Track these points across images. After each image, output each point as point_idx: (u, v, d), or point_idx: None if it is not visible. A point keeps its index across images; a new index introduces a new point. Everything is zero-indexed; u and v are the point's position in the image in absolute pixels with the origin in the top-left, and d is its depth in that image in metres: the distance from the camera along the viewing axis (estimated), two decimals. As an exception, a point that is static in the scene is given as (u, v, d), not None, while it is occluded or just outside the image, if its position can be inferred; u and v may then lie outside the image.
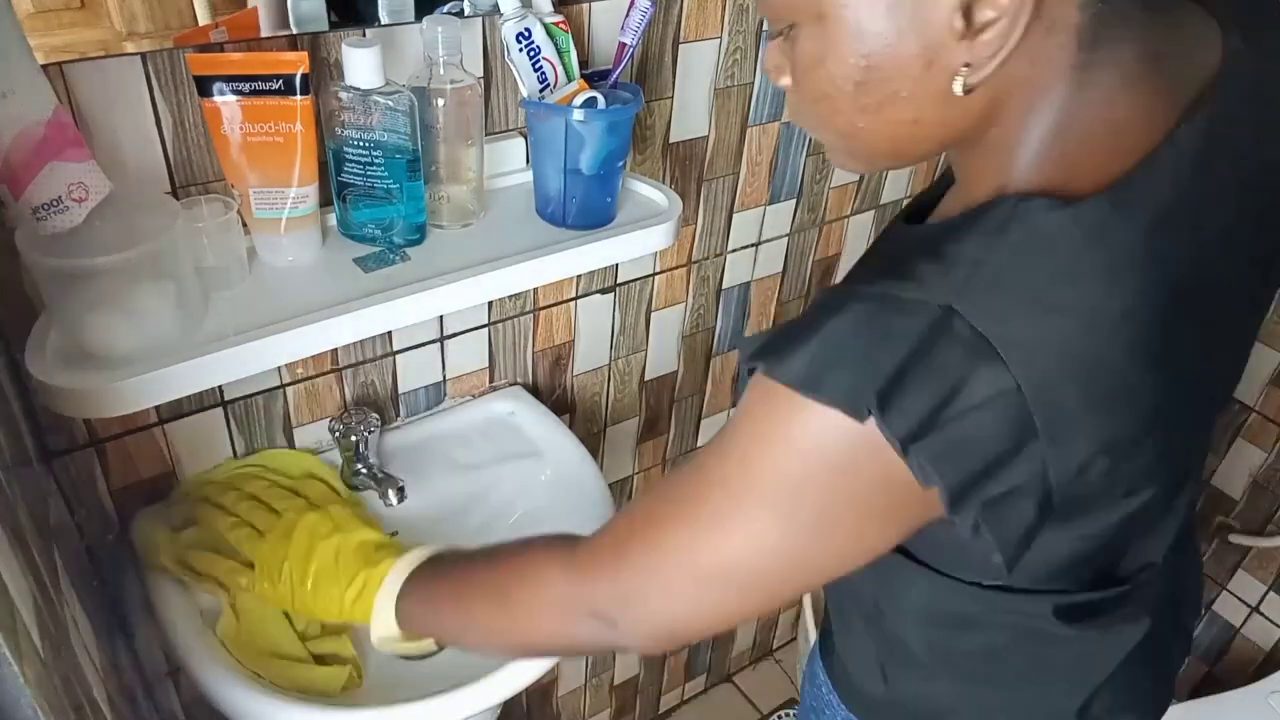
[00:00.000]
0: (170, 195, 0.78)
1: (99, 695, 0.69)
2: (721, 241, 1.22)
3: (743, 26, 1.05)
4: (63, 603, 0.67)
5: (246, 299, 0.78)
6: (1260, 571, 1.68)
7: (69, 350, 0.70)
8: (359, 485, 0.98)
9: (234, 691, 0.78)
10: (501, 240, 0.88)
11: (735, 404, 1.43)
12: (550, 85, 0.87)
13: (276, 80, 0.73)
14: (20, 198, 0.63)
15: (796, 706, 1.89)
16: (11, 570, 0.50)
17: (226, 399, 0.91)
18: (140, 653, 1.00)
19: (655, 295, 1.21)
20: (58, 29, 0.68)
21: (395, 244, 0.85)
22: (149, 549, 0.86)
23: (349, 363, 0.98)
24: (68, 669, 0.59)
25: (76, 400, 0.68)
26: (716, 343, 1.34)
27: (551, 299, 1.10)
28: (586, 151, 0.86)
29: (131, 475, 0.90)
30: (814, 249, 1.34)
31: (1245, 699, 1.33)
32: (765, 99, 1.12)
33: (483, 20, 0.87)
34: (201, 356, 0.71)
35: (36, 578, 0.58)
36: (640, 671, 1.73)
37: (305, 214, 0.80)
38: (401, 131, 0.79)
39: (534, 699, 1.56)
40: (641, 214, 0.95)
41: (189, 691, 1.06)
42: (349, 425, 0.97)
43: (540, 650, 0.76)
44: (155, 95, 0.74)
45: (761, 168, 1.19)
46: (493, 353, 1.09)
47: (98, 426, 0.85)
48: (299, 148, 0.76)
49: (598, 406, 1.26)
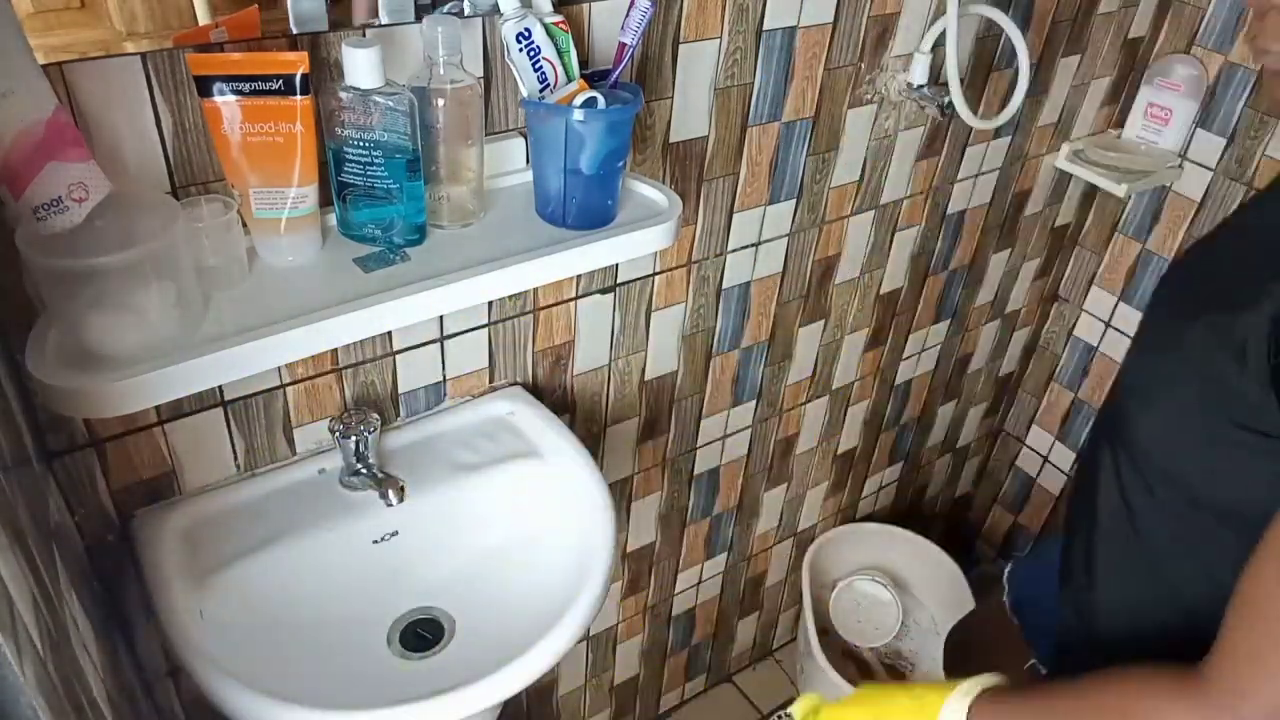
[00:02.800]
0: (170, 195, 0.78)
1: (99, 695, 0.69)
2: (721, 241, 1.22)
3: (743, 26, 1.05)
4: (63, 603, 0.67)
5: (246, 299, 0.78)
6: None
7: (69, 350, 0.70)
8: (359, 485, 0.99)
9: (234, 691, 0.78)
10: (501, 240, 0.88)
11: (736, 402, 1.43)
12: (550, 85, 0.87)
13: (276, 80, 0.73)
14: (20, 198, 0.63)
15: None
16: (11, 570, 0.50)
17: (226, 399, 0.91)
18: (140, 653, 1.01)
19: (655, 295, 1.21)
20: (58, 29, 0.68)
21: (395, 244, 0.85)
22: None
23: (349, 363, 0.98)
24: (68, 669, 0.59)
25: (76, 400, 0.68)
26: (716, 343, 1.34)
27: (551, 299, 1.10)
28: (586, 151, 0.86)
29: (131, 475, 0.90)
30: (814, 249, 1.34)
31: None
32: (765, 99, 1.12)
33: (483, 20, 0.87)
34: (201, 356, 0.71)
35: (36, 578, 0.58)
36: (640, 671, 1.73)
37: (305, 214, 0.80)
38: (401, 131, 0.79)
39: (534, 699, 1.56)
40: (641, 214, 0.95)
41: (189, 691, 1.06)
42: (349, 425, 0.97)
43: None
44: (155, 95, 0.74)
45: (761, 168, 1.19)
46: (493, 353, 1.09)
47: (98, 426, 0.85)
48: (299, 148, 0.76)
49: (598, 406, 1.26)
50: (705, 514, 1.57)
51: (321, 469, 1.01)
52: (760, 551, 1.75)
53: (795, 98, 1.15)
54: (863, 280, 1.45)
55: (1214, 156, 1.53)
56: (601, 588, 0.92)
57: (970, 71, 1.31)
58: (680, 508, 1.52)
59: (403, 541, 1.01)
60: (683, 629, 1.74)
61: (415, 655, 0.97)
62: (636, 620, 1.62)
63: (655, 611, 1.64)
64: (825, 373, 1.54)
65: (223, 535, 0.93)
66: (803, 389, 1.53)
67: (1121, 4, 1.44)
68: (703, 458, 1.47)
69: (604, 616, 1.56)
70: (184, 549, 0.90)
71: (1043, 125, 1.50)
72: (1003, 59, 1.34)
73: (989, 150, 1.45)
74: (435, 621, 1.00)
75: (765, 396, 1.48)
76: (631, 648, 1.67)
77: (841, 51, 1.15)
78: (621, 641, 1.63)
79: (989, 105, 1.38)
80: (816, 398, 1.57)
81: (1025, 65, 1.24)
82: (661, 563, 1.57)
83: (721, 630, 1.83)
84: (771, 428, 1.54)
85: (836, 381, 1.57)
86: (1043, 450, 1.99)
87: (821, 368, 1.52)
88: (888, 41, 1.19)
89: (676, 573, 1.62)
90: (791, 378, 1.49)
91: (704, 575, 1.67)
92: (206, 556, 0.90)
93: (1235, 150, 1.50)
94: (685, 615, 1.71)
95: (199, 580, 0.88)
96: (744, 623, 1.87)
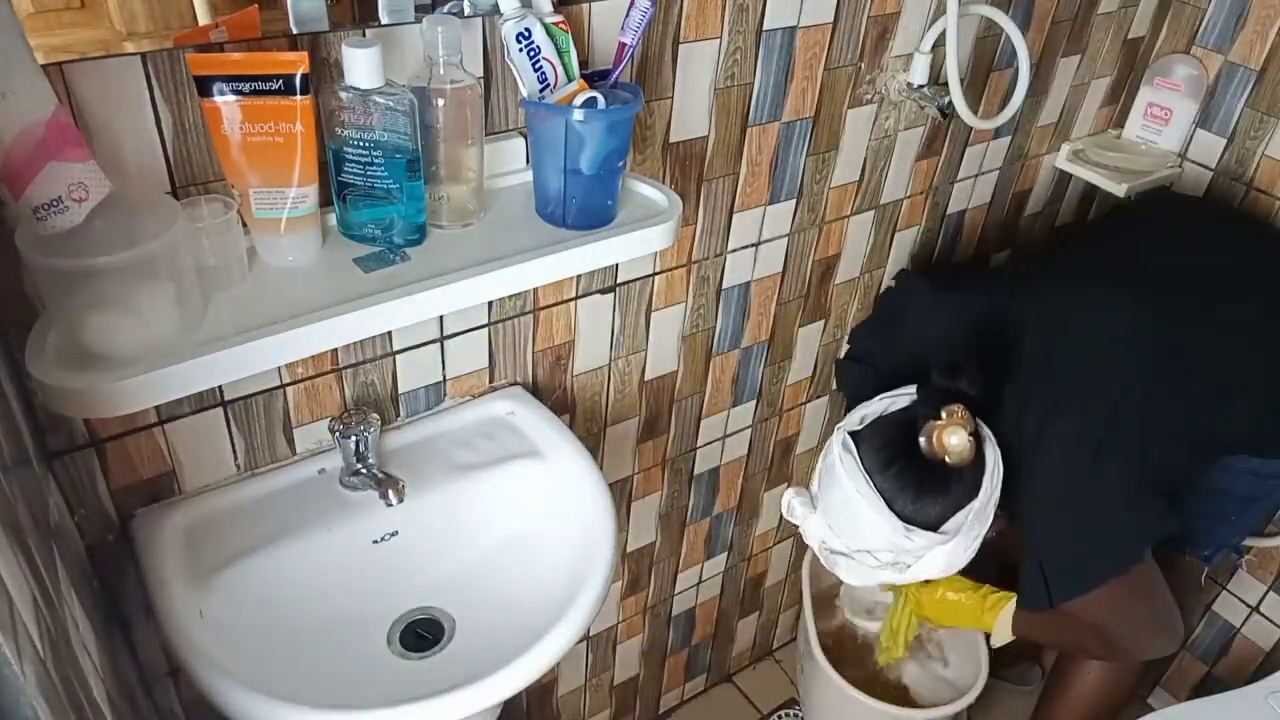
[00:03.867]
0: (170, 195, 0.78)
1: (99, 695, 0.69)
2: (721, 241, 1.22)
3: (743, 26, 1.05)
4: (63, 603, 0.67)
5: (246, 299, 0.78)
6: (1260, 571, 1.69)
7: (69, 350, 0.70)
8: (359, 485, 0.99)
9: (234, 691, 0.78)
10: (501, 240, 0.88)
11: (736, 402, 1.43)
12: (550, 85, 0.87)
13: (276, 80, 0.73)
14: (20, 198, 0.63)
15: (797, 706, 1.89)
16: (11, 570, 0.50)
17: (226, 399, 0.91)
18: (140, 653, 1.01)
19: (655, 295, 1.21)
20: (58, 29, 0.68)
21: (395, 244, 0.85)
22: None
23: (349, 363, 0.98)
24: (68, 669, 0.59)
25: (76, 400, 0.68)
26: (716, 343, 1.34)
27: (551, 299, 1.10)
28: (586, 151, 0.86)
29: (131, 475, 0.90)
30: (814, 249, 1.34)
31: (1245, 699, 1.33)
32: (765, 99, 1.12)
33: (483, 20, 0.87)
34: (201, 356, 0.71)
35: (36, 578, 0.58)
36: (640, 671, 1.73)
37: (305, 214, 0.80)
38: (401, 131, 0.79)
39: (534, 699, 1.56)
40: (641, 214, 0.95)
41: (189, 691, 1.06)
42: (349, 425, 0.97)
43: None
44: (155, 95, 0.74)
45: (761, 168, 1.19)
46: (492, 353, 1.09)
47: (98, 426, 0.85)
48: (299, 148, 0.76)
49: (598, 406, 1.26)
50: (705, 514, 1.57)
51: (321, 469, 1.01)
52: (760, 551, 1.75)
53: (795, 98, 1.15)
54: (863, 280, 1.45)
55: (1214, 156, 1.53)
56: (602, 587, 0.92)
57: (970, 71, 1.31)
58: (680, 508, 1.52)
59: (403, 541, 1.01)
60: (683, 629, 1.74)
61: (415, 655, 0.97)
62: (636, 620, 1.62)
63: (655, 611, 1.64)
64: (825, 373, 1.54)
65: (223, 535, 0.93)
66: (803, 389, 1.53)
67: (1121, 4, 1.44)
68: (703, 458, 1.47)
69: (604, 616, 1.56)
70: (184, 549, 0.90)
71: (1043, 125, 1.50)
72: (1003, 59, 1.34)
73: (989, 150, 1.45)
74: (435, 621, 1.00)
75: (765, 396, 1.48)
76: (631, 648, 1.67)
77: (841, 51, 1.15)
78: (621, 641, 1.63)
79: (989, 105, 1.38)
80: (816, 398, 1.57)
81: (1025, 65, 1.24)
82: (661, 563, 1.57)
83: (721, 630, 1.83)
84: (771, 428, 1.54)
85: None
86: (1043, 450, 1.99)
87: (821, 368, 1.52)
88: (888, 41, 1.19)
89: (676, 573, 1.62)
90: (791, 378, 1.49)
91: (704, 575, 1.67)
92: (206, 556, 0.90)
93: (1235, 150, 1.50)
94: (685, 615, 1.71)
95: (199, 580, 0.88)
96: (744, 623, 1.87)
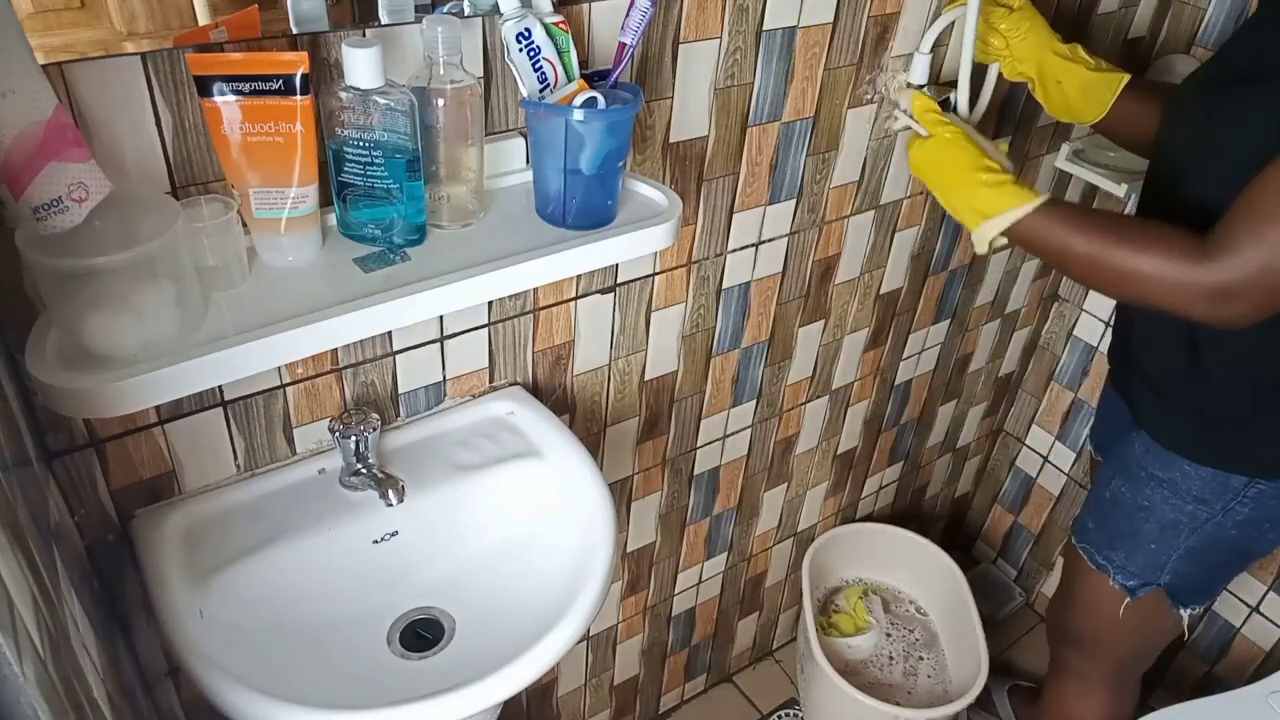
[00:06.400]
0: (170, 195, 0.78)
1: (99, 695, 0.69)
2: (721, 241, 1.22)
3: (743, 26, 1.05)
4: (63, 603, 0.67)
5: (246, 299, 0.78)
6: (1260, 571, 1.69)
7: (69, 350, 0.70)
8: (359, 485, 0.99)
9: (234, 691, 0.78)
10: (501, 240, 0.88)
11: (736, 402, 1.43)
12: (550, 85, 0.87)
13: (276, 80, 0.73)
14: (20, 198, 0.63)
15: (797, 706, 1.89)
16: (11, 570, 0.50)
17: (226, 399, 0.91)
18: (140, 653, 1.01)
19: (655, 295, 1.21)
20: (58, 29, 0.68)
21: (395, 244, 0.85)
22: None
23: (349, 363, 0.98)
24: (68, 669, 0.59)
25: (76, 400, 0.68)
26: (716, 343, 1.34)
27: (551, 299, 1.10)
28: (586, 151, 0.86)
29: (131, 475, 0.90)
30: (814, 249, 1.34)
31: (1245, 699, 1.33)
32: (765, 99, 1.12)
33: (483, 20, 0.87)
34: (201, 356, 0.71)
35: (36, 578, 0.58)
36: (640, 671, 1.73)
37: (305, 214, 0.80)
38: (401, 131, 0.79)
39: (534, 699, 1.56)
40: (641, 214, 0.95)
41: (189, 691, 1.06)
42: (349, 425, 0.97)
43: (1127, 282, 0.94)
44: (155, 95, 0.74)
45: (761, 168, 1.19)
46: (492, 353, 1.09)
47: (98, 426, 0.85)
48: (299, 148, 0.76)
49: (598, 406, 1.26)
50: (705, 514, 1.57)
51: (321, 469, 1.01)
52: (760, 551, 1.75)
53: (795, 98, 1.15)
54: (863, 280, 1.45)
55: (1214, 156, 1.53)
56: (602, 588, 0.92)
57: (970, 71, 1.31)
58: (680, 508, 1.52)
59: (403, 541, 1.01)
60: (683, 629, 1.74)
61: (415, 655, 0.97)
62: (636, 620, 1.62)
63: (655, 611, 1.64)
64: (825, 373, 1.54)
65: (223, 535, 0.93)
66: (803, 389, 1.53)
67: (1121, 4, 1.44)
68: (703, 458, 1.47)
69: (604, 616, 1.56)
70: (184, 549, 0.90)
71: (1042, 125, 1.50)
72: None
73: (989, 150, 1.45)
74: (435, 621, 1.00)
75: (765, 396, 1.48)
76: (631, 648, 1.67)
77: (841, 51, 1.15)
78: (621, 641, 1.63)
79: (989, 105, 1.38)
80: (816, 398, 1.57)
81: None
82: (661, 563, 1.57)
83: (721, 630, 1.83)
84: (771, 428, 1.54)
85: (836, 381, 1.57)
86: (1043, 450, 1.99)
87: (821, 368, 1.52)
88: (888, 41, 1.19)
89: (676, 573, 1.62)
90: (791, 378, 1.49)
91: (704, 575, 1.67)
92: (206, 556, 0.90)
93: (1235, 150, 1.50)
94: (685, 615, 1.71)
95: (199, 580, 0.88)
96: (744, 623, 1.87)
